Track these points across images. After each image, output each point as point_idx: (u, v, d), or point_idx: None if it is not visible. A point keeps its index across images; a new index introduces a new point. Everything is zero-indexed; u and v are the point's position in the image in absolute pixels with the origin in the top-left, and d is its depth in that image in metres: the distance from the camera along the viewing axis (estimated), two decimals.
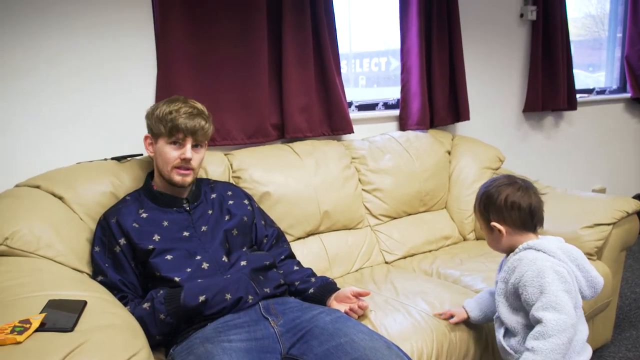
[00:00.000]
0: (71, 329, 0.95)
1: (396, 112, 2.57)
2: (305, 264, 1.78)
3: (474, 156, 2.44)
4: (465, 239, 2.35)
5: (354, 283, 1.82)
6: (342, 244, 2.01)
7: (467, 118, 2.63)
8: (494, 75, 2.97)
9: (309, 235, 1.97)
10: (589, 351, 1.31)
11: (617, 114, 3.72)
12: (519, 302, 1.31)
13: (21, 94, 1.67)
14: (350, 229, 2.09)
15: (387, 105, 2.65)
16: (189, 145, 1.44)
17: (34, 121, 1.69)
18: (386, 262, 2.11)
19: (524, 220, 1.32)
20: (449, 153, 2.49)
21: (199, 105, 1.50)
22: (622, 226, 1.97)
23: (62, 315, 0.99)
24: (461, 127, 2.84)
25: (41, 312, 0.99)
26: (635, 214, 2.03)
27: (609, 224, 1.90)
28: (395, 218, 2.25)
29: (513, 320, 1.32)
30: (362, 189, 2.18)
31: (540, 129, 3.27)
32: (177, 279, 1.35)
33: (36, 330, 0.92)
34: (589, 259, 1.91)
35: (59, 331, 0.94)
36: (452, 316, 1.51)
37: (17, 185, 1.54)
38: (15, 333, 0.89)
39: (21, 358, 0.85)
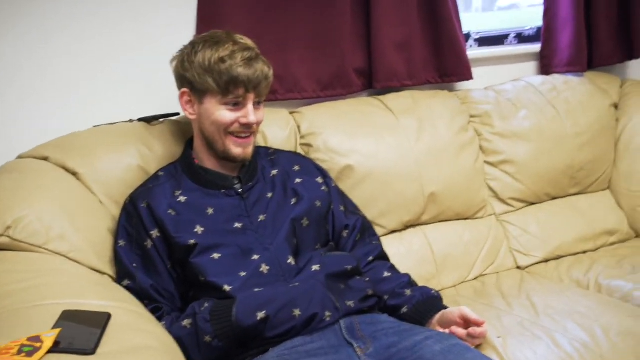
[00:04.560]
0: (92, 351, 0.93)
1: (536, 47, 2.14)
2: (401, 269, 1.56)
3: None
4: (638, 236, 1.97)
5: (473, 297, 1.54)
6: (456, 241, 1.80)
7: None
8: None
9: (407, 227, 1.75)
10: None
11: None
12: None
13: (27, 39, 1.55)
14: (466, 218, 1.86)
15: (521, 38, 2.21)
16: (250, 105, 1.31)
17: (39, 75, 1.59)
18: (519, 267, 1.85)
19: None
20: (616, 107, 2.07)
21: (250, 42, 1.31)
22: None
23: (81, 332, 0.96)
24: (636, 67, 2.43)
25: (54, 327, 0.96)
26: None
27: None
28: (533, 203, 1.96)
29: None
30: (485, 161, 1.91)
31: None
32: (227, 287, 1.27)
33: (49, 352, 0.89)
34: None
35: (77, 353, 0.91)
36: None
37: (19, 157, 1.45)
38: (24, 354, 0.86)
39: None
